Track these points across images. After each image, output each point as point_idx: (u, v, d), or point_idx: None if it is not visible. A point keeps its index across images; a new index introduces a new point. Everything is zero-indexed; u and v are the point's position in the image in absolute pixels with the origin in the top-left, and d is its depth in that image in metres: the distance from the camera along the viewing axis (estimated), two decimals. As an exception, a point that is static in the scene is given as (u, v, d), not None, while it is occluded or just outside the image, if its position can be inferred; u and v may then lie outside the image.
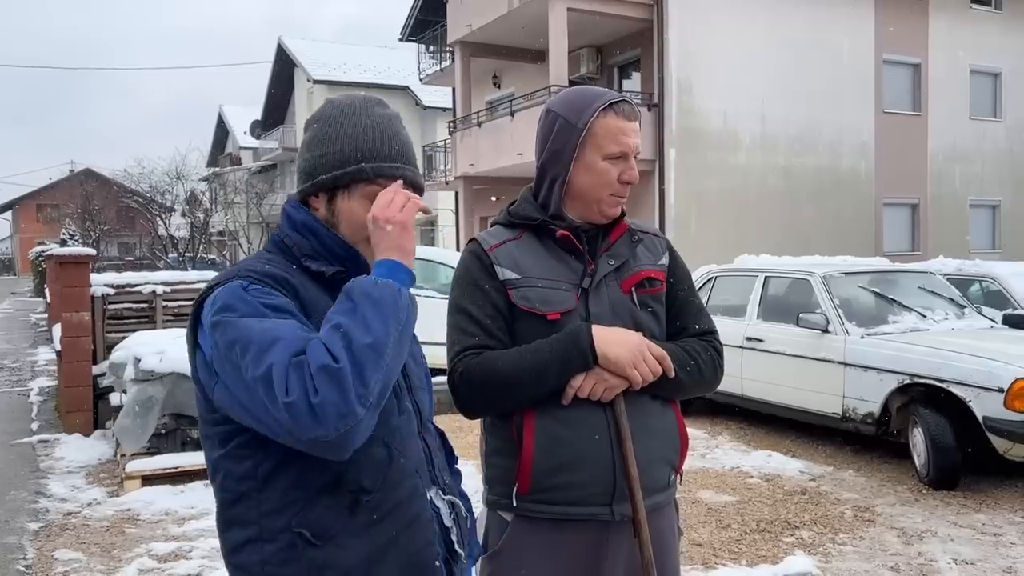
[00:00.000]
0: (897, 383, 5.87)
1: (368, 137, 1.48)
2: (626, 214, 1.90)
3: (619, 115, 1.79)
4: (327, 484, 1.36)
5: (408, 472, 1.45)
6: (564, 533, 1.76)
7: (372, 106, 1.53)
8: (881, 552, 4.50)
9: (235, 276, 1.39)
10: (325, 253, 1.48)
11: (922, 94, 19.62)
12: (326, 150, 1.48)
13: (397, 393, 1.46)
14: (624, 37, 17.79)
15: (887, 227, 19.18)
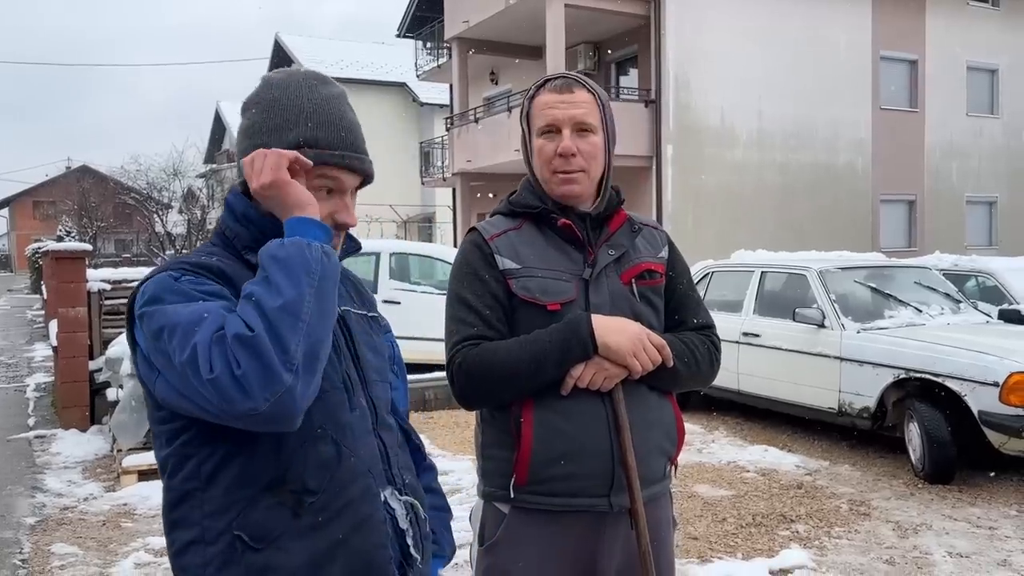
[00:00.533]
0: (893, 378, 5.89)
1: (311, 124, 1.40)
2: (624, 201, 1.90)
3: (549, 90, 1.81)
4: (270, 484, 1.31)
5: (359, 471, 1.38)
6: (561, 524, 1.76)
7: (314, 87, 1.43)
8: (876, 545, 4.52)
9: (167, 269, 1.34)
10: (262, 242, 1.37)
11: (919, 90, 19.63)
12: (266, 140, 1.39)
13: (347, 389, 1.40)
14: (622, 33, 17.78)
15: (884, 223, 19.19)
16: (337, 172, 1.41)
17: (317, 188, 1.39)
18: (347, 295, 1.54)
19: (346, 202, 1.44)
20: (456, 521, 5.19)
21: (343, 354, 1.43)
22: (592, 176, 1.82)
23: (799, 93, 17.57)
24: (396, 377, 1.65)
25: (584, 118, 1.78)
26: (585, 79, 1.84)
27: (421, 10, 23.22)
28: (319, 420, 1.33)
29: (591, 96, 1.81)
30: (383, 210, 31.19)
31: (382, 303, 9.84)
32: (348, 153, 1.42)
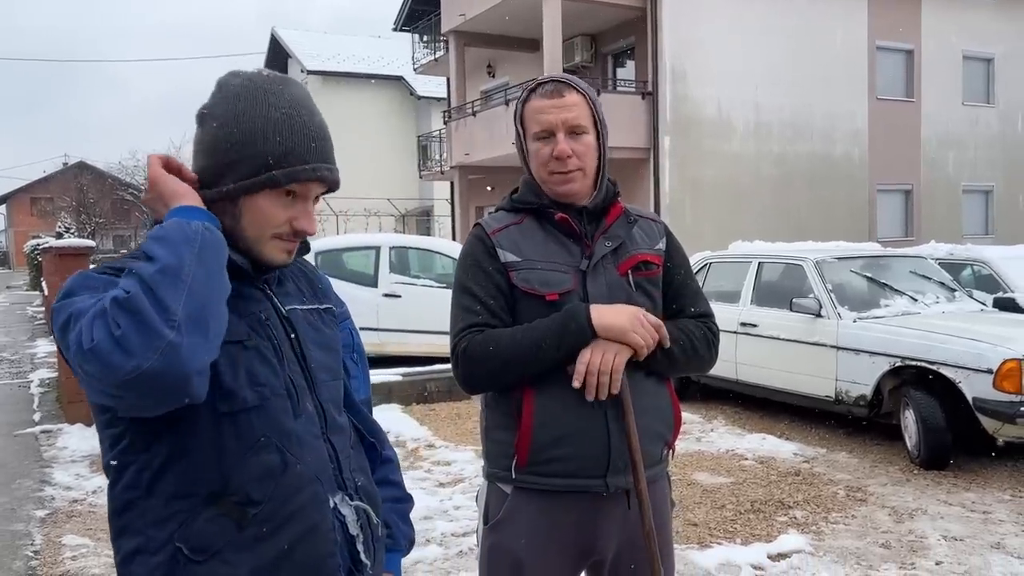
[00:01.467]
0: (889, 366, 5.96)
1: (279, 138, 1.32)
2: (620, 194, 1.97)
3: (540, 96, 1.87)
4: (211, 495, 1.27)
5: (307, 479, 1.34)
6: (560, 504, 1.83)
7: (279, 92, 1.36)
8: (873, 530, 4.60)
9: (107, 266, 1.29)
10: None
11: (915, 80, 19.67)
12: (233, 157, 1.32)
13: (291, 395, 1.35)
14: (618, 25, 17.80)
15: (880, 213, 19.26)
16: (306, 183, 1.36)
17: (282, 194, 1.35)
18: (296, 291, 1.49)
19: (307, 208, 1.39)
20: (460, 509, 5.27)
21: (287, 359, 1.37)
22: (588, 173, 1.89)
23: (795, 84, 17.61)
24: (355, 365, 1.64)
25: (576, 120, 1.85)
26: (574, 80, 1.90)
27: (418, 3, 23.24)
28: (261, 428, 1.30)
29: (580, 97, 1.87)
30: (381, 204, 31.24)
31: (382, 296, 9.98)
32: (319, 165, 1.36)
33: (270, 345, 1.35)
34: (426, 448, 6.42)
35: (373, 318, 9.80)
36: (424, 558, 4.25)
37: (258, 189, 1.33)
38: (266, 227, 1.35)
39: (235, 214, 1.35)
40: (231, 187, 1.33)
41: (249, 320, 1.34)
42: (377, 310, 9.87)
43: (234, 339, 1.28)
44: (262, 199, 1.34)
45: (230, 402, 1.28)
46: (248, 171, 1.32)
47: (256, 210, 1.34)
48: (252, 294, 1.38)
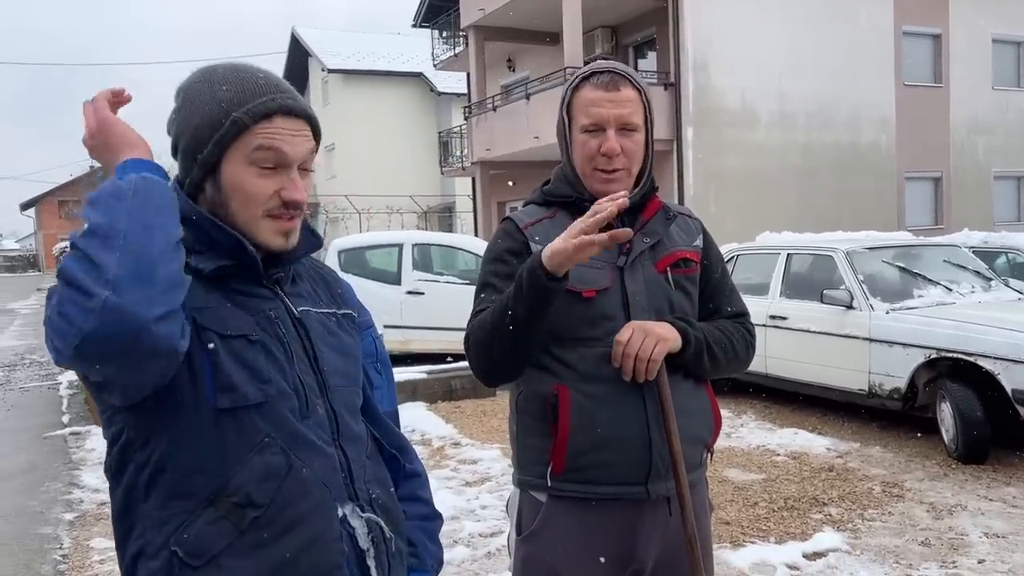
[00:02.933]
0: (924, 358, 5.82)
1: (226, 87, 1.28)
2: (658, 189, 1.89)
3: (595, 86, 1.77)
4: (210, 496, 1.21)
5: (313, 485, 1.27)
6: (599, 512, 1.76)
7: (218, 65, 1.34)
8: (911, 527, 4.48)
9: None
10: (209, 245, 1.28)
11: (943, 65, 19.31)
12: (193, 123, 1.28)
13: (302, 395, 1.29)
14: (639, 16, 17.63)
15: (909, 201, 18.94)
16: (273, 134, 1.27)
17: (258, 163, 1.27)
18: (311, 294, 1.42)
19: (291, 176, 1.29)
20: (488, 508, 5.20)
21: (297, 358, 1.31)
22: (632, 173, 1.82)
23: (820, 72, 17.34)
24: (379, 375, 1.57)
25: (630, 118, 1.76)
26: (630, 72, 1.80)
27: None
28: (265, 428, 1.24)
29: (636, 93, 1.78)
30: (403, 201, 31.30)
31: (406, 294, 9.95)
32: (275, 95, 1.28)
33: (279, 343, 1.29)
34: (451, 446, 6.37)
35: (397, 316, 9.77)
36: (452, 560, 4.19)
37: (229, 142, 1.26)
38: (253, 204, 1.28)
39: (223, 200, 1.28)
40: (205, 152, 1.26)
41: (257, 317, 1.28)
42: (400, 307, 9.84)
43: (238, 333, 1.24)
44: (242, 172, 1.27)
45: (231, 396, 1.21)
46: (210, 126, 1.26)
47: (239, 187, 1.27)
48: (260, 293, 1.32)
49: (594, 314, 1.76)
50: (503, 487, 5.21)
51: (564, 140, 1.86)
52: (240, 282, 1.29)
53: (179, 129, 1.30)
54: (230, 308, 1.26)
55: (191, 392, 1.20)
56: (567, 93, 1.83)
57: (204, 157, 1.27)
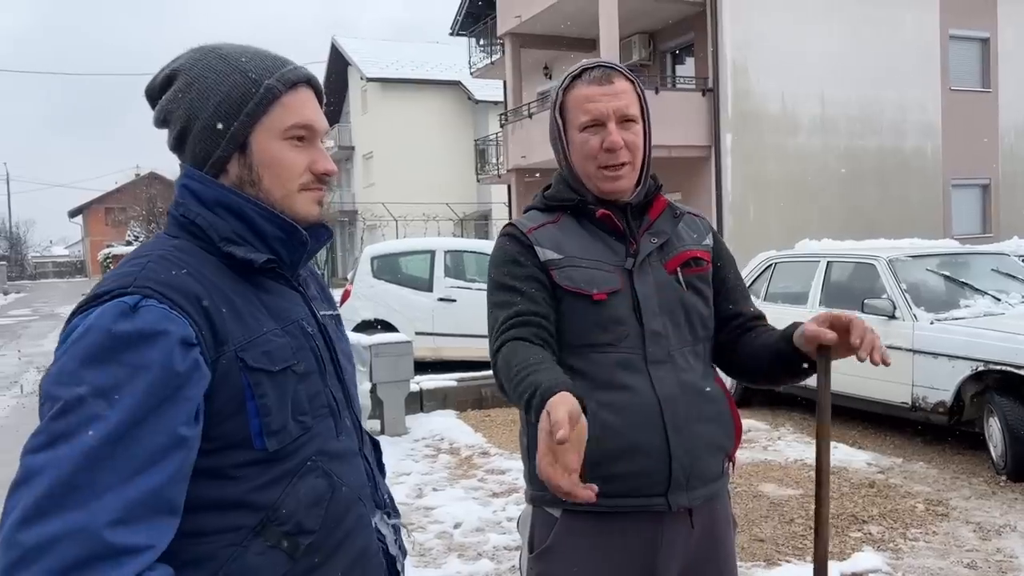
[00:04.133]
0: (970, 370, 5.59)
1: (246, 59, 1.21)
2: (662, 187, 1.81)
3: (588, 82, 1.72)
4: (259, 526, 1.14)
5: (352, 500, 1.24)
6: (617, 526, 1.67)
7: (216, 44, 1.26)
8: (956, 548, 4.28)
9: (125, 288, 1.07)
10: (251, 236, 1.20)
11: (991, 69, 18.83)
12: (215, 98, 1.19)
13: (335, 411, 1.25)
14: (677, 22, 17.47)
15: (956, 209, 18.47)
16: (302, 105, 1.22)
17: (291, 136, 1.22)
18: (318, 293, 1.37)
19: (319, 147, 1.26)
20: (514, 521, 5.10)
21: (328, 372, 1.26)
22: (636, 167, 1.75)
23: (863, 76, 17.00)
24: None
25: (627, 110, 1.71)
26: (620, 66, 1.76)
27: (474, 7, 23.25)
28: (308, 452, 1.19)
29: (630, 84, 1.74)
30: (440, 208, 31.42)
31: (438, 301, 9.90)
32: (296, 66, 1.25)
33: (314, 359, 1.22)
34: (480, 456, 6.27)
35: (429, 323, 9.73)
36: (476, 572, 4.10)
37: (262, 112, 1.19)
38: (289, 179, 1.22)
39: (254, 178, 1.21)
40: (237, 124, 1.19)
41: (292, 331, 1.21)
42: (432, 314, 9.80)
43: (283, 365, 1.16)
44: (276, 146, 1.21)
45: (279, 438, 1.15)
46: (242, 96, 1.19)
47: (275, 162, 1.21)
48: (291, 296, 1.25)
49: (604, 318, 1.68)
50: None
51: (560, 143, 1.79)
52: (272, 281, 1.23)
53: (191, 109, 1.20)
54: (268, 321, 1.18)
55: (238, 438, 1.13)
56: (558, 95, 1.77)
57: (236, 130, 1.19)
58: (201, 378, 1.08)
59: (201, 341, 1.09)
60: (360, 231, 33.60)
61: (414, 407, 7.57)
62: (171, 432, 1.04)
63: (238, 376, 1.11)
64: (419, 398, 7.72)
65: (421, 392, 7.78)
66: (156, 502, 1.03)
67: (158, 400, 1.03)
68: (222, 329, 1.11)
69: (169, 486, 1.04)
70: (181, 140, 1.23)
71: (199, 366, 1.08)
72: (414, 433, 7.03)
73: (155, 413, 1.03)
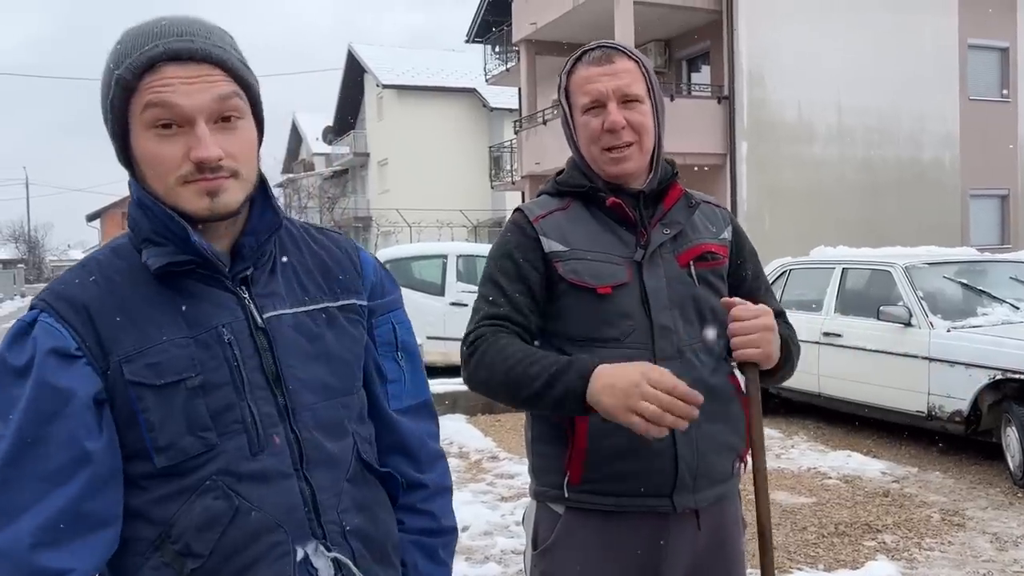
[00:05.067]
0: (988, 379, 5.51)
1: (119, 46, 1.10)
2: (678, 174, 1.75)
3: (587, 63, 1.68)
4: (156, 541, 1.09)
5: (264, 528, 1.11)
6: (621, 526, 1.63)
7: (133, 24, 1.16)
8: (973, 559, 4.20)
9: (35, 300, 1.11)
10: (170, 234, 1.11)
11: (1011, 80, 18.70)
12: (101, 95, 1.13)
13: (252, 429, 1.12)
14: (692, 30, 17.43)
15: (974, 219, 18.33)
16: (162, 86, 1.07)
17: (153, 124, 1.09)
18: (295, 288, 1.22)
19: (198, 133, 1.08)
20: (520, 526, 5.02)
21: (250, 385, 1.13)
22: (644, 149, 1.68)
23: (881, 86, 16.89)
24: (398, 366, 1.35)
25: (629, 88, 1.65)
26: (625, 46, 1.72)
27: (489, 15, 23.32)
28: (209, 470, 1.09)
29: (633, 64, 1.67)
30: (454, 215, 31.46)
31: (449, 305, 9.88)
32: (163, 41, 1.08)
33: (227, 370, 1.11)
34: (489, 460, 6.24)
35: (440, 327, 9.71)
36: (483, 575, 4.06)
37: (119, 107, 1.09)
38: (164, 173, 1.09)
39: (142, 175, 1.13)
40: (108, 126, 1.12)
41: (201, 340, 1.11)
42: (444, 319, 9.78)
43: (172, 379, 1.08)
44: (143, 140, 1.10)
45: (169, 455, 1.08)
46: (104, 91, 1.12)
47: (146, 157, 1.11)
48: (219, 299, 1.14)
49: (610, 312, 1.63)
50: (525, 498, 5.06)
51: (569, 129, 1.76)
52: (198, 283, 1.13)
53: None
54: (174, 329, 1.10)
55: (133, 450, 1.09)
56: (562, 80, 1.74)
57: (110, 129, 1.13)
58: (90, 387, 1.06)
59: (86, 352, 1.06)
60: (375, 237, 33.68)
61: (424, 411, 7.54)
62: (73, 446, 1.03)
63: (125, 388, 1.07)
64: (429, 402, 7.69)
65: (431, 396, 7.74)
66: (75, 520, 1.02)
67: (46, 416, 1.02)
68: (108, 338, 1.07)
69: (85, 500, 1.03)
70: None
71: (86, 376, 1.06)
72: (424, 437, 7.00)
73: (47, 430, 1.02)
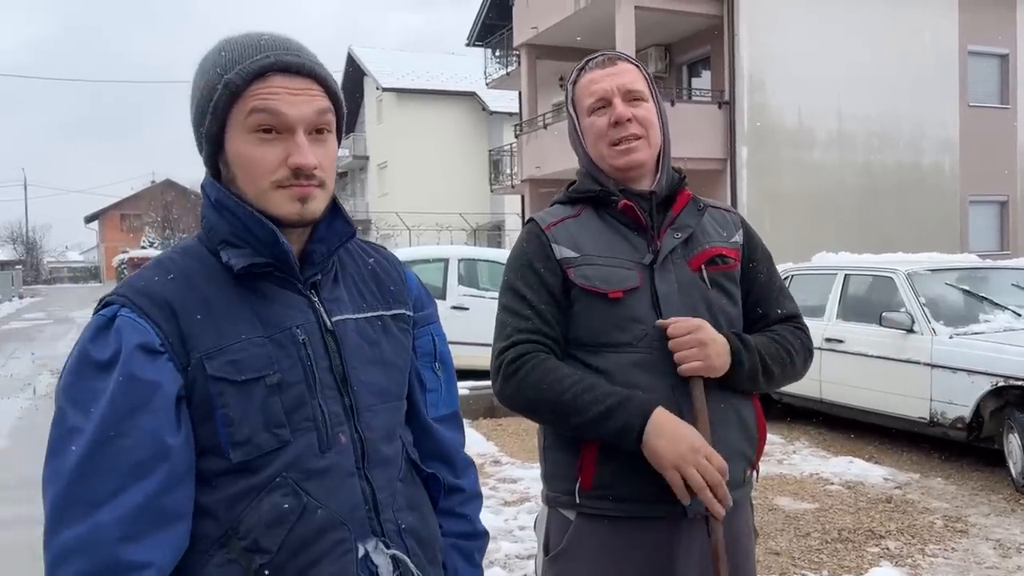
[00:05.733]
0: (990, 385, 5.52)
1: (225, 52, 1.16)
2: (686, 179, 1.78)
3: (590, 70, 1.76)
4: (223, 537, 1.11)
5: (329, 525, 1.15)
6: (633, 532, 1.63)
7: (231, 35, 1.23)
8: (976, 565, 4.20)
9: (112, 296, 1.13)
10: (250, 237, 1.16)
11: (1010, 86, 18.72)
12: (196, 97, 1.18)
13: (322, 428, 1.16)
14: (693, 35, 17.47)
15: (973, 226, 18.35)
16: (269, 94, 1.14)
17: (256, 128, 1.14)
18: (355, 296, 1.28)
19: (297, 140, 1.15)
20: (526, 530, 5.05)
21: (321, 384, 1.17)
22: (652, 144, 1.72)
23: (881, 91, 16.93)
24: (437, 376, 1.41)
25: (632, 85, 1.71)
26: (624, 54, 1.81)
27: (490, 18, 23.33)
28: (278, 467, 1.13)
29: (635, 67, 1.76)
30: (453, 218, 31.46)
31: (450, 309, 9.87)
32: (273, 52, 1.15)
33: (300, 369, 1.16)
34: (492, 464, 6.23)
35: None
36: (487, 581, 4.05)
37: (224, 109, 1.14)
38: (259, 176, 1.15)
39: (232, 177, 1.18)
40: (204, 127, 1.17)
41: (280, 340, 1.15)
42: (445, 323, 9.63)
43: (252, 376, 1.12)
44: (242, 142, 1.15)
45: (245, 450, 1.12)
46: (207, 93, 1.16)
47: (242, 159, 1.16)
48: (292, 301, 1.18)
49: (622, 317, 1.64)
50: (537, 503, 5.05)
51: (577, 136, 1.80)
52: (273, 285, 1.18)
53: (190, 107, 1.20)
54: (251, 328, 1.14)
55: (210, 444, 1.12)
56: (569, 90, 1.80)
57: (206, 130, 1.17)
58: (174, 383, 1.09)
59: (168, 347, 1.09)
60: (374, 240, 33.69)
61: (426, 415, 7.54)
62: (156, 441, 1.05)
63: (205, 383, 1.10)
64: (431, 406, 7.68)
65: (433, 400, 7.73)
66: (154, 514, 1.04)
67: (130, 410, 1.05)
68: (189, 335, 1.10)
69: (163, 495, 1.05)
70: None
71: (169, 371, 1.09)
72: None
73: (130, 423, 1.04)
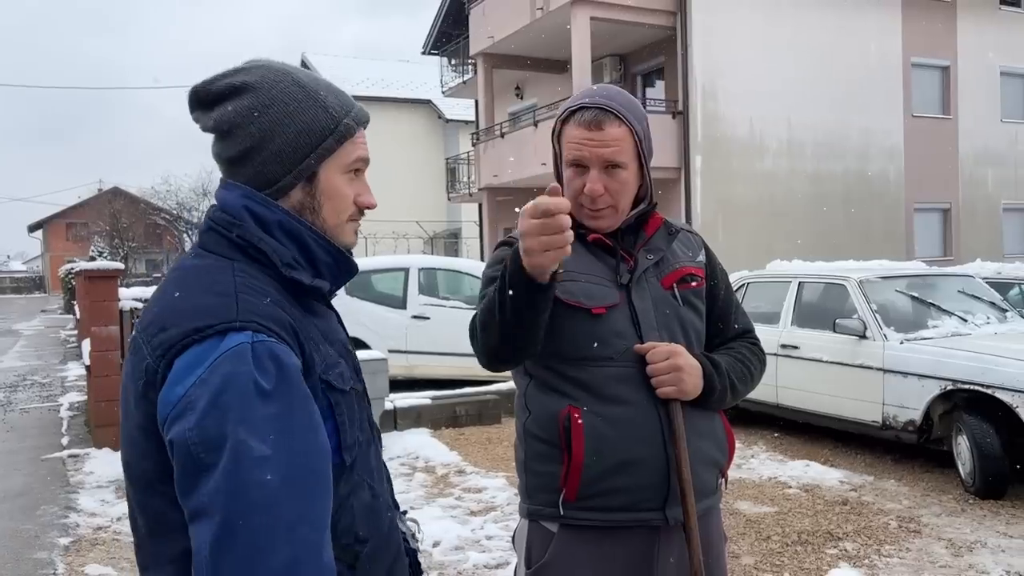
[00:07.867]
0: (939, 389, 5.70)
1: (325, 93, 1.24)
2: (656, 205, 1.84)
3: (578, 124, 1.69)
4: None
5: (385, 507, 1.31)
6: (615, 541, 1.68)
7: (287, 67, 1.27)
8: (930, 564, 4.34)
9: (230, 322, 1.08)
10: (305, 261, 1.23)
11: (951, 97, 19.33)
12: (293, 128, 1.20)
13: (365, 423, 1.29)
14: (648, 45, 17.70)
15: (918, 232, 18.88)
16: (363, 142, 1.30)
17: (353, 170, 1.28)
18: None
19: (365, 182, 1.32)
20: (493, 539, 5.06)
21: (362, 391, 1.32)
22: (622, 208, 1.75)
23: (829, 101, 17.36)
24: None
25: (614, 157, 1.68)
26: (617, 108, 1.69)
27: (446, 26, 23.34)
28: (359, 468, 1.25)
29: (623, 130, 1.68)
30: (410, 226, 31.33)
31: (411, 318, 9.86)
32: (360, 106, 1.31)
33: (358, 377, 1.30)
34: (456, 474, 6.24)
35: (402, 340, 9.68)
36: (456, 591, 4.06)
37: (337, 146, 1.24)
38: (344, 210, 1.27)
39: (315, 206, 1.25)
40: (308, 160, 1.21)
41: (343, 353, 1.27)
42: (406, 332, 9.75)
43: (349, 385, 1.24)
44: (339, 179, 1.26)
45: (351, 452, 1.22)
46: (322, 129, 1.22)
47: (336, 194, 1.25)
48: (330, 316, 1.31)
49: (604, 332, 1.70)
50: (509, 516, 5.08)
51: (557, 168, 1.82)
52: (318, 303, 1.28)
53: (266, 131, 1.19)
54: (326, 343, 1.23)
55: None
56: (556, 125, 1.78)
57: (311, 161, 1.22)
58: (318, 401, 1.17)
59: (303, 367, 1.15)
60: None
61: (387, 425, 7.52)
62: (329, 455, 1.12)
63: (321, 398, 1.16)
64: (393, 416, 7.67)
65: (395, 410, 7.72)
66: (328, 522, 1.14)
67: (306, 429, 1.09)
68: (308, 354, 1.16)
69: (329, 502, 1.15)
70: (244, 157, 1.21)
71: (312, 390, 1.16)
72: (389, 451, 6.96)
73: (311, 443, 1.09)
